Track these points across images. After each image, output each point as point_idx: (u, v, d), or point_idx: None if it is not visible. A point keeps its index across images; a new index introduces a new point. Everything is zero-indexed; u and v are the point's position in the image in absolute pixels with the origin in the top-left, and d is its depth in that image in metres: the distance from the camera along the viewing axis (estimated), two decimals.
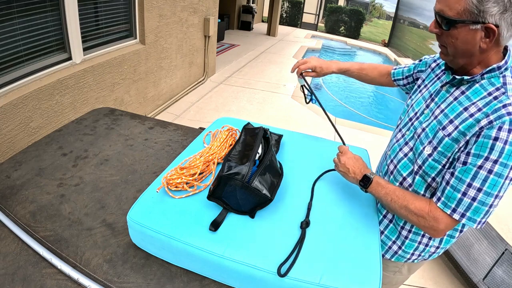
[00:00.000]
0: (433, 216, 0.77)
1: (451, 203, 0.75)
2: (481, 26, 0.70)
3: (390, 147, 1.01)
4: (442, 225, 0.77)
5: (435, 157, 0.81)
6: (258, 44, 8.14)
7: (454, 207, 0.75)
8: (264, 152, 0.98)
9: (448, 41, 0.76)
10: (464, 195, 0.73)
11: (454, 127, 0.78)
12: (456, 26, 0.72)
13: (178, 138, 1.39)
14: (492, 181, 0.70)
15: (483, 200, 0.72)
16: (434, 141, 0.82)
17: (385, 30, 16.09)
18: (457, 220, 0.75)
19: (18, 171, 1.09)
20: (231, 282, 0.79)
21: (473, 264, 1.93)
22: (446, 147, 0.79)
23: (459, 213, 0.74)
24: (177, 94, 4.14)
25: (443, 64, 0.97)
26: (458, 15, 0.71)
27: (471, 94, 0.79)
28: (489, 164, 0.69)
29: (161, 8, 3.32)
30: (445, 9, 0.72)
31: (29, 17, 1.98)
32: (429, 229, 0.80)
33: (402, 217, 0.86)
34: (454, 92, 0.83)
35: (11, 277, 0.76)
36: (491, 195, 0.71)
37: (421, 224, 0.80)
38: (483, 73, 0.77)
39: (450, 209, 0.75)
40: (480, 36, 0.72)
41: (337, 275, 0.73)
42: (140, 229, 0.80)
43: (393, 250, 1.01)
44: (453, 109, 0.81)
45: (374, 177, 0.90)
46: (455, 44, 0.75)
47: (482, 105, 0.75)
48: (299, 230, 0.83)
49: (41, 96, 2.07)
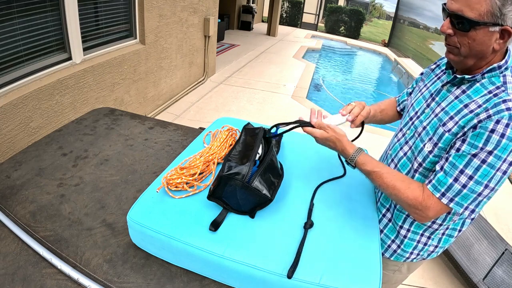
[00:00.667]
0: (425, 205, 0.78)
1: (441, 187, 0.76)
2: (499, 29, 0.70)
3: (391, 146, 1.01)
4: (432, 213, 0.78)
5: (436, 153, 0.82)
6: (258, 44, 8.14)
7: (443, 191, 0.76)
8: (265, 152, 0.98)
9: (464, 42, 0.74)
10: (456, 181, 0.74)
11: (454, 123, 0.78)
12: (476, 27, 0.71)
13: (178, 138, 1.39)
14: (484, 171, 0.71)
15: (473, 188, 0.73)
16: (434, 138, 0.82)
17: (385, 30, 16.09)
18: (445, 204, 0.76)
19: (18, 171, 1.09)
20: (231, 282, 0.79)
21: (473, 264, 1.93)
22: (447, 142, 0.79)
23: (448, 197, 0.75)
24: (177, 94, 4.14)
25: (443, 64, 0.97)
26: (479, 16, 0.69)
27: (472, 93, 0.79)
28: (484, 154, 0.70)
29: (161, 8, 3.32)
30: (465, 10, 0.70)
31: (29, 17, 1.98)
32: (417, 215, 0.81)
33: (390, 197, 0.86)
34: (455, 91, 0.84)
35: (11, 277, 0.76)
36: (481, 183, 0.72)
37: (411, 211, 0.81)
38: (483, 72, 0.77)
39: (439, 192, 0.76)
40: (495, 37, 0.72)
41: (337, 275, 0.73)
42: (140, 229, 0.80)
43: (392, 249, 1.01)
44: (453, 106, 0.81)
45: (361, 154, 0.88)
46: (471, 45, 0.74)
47: (482, 101, 0.75)
48: (299, 230, 0.83)
49: (41, 96, 2.06)
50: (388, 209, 1.00)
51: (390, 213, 0.99)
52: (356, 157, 0.87)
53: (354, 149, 0.89)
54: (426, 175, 0.86)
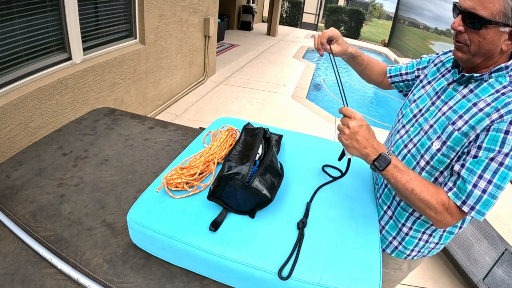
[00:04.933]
0: (450, 212, 0.76)
1: (462, 195, 0.74)
2: (509, 30, 0.71)
3: (393, 143, 0.99)
4: (455, 220, 0.77)
5: (444, 152, 0.81)
6: (258, 44, 8.14)
7: (464, 199, 0.74)
8: (265, 152, 0.98)
9: (474, 39, 0.75)
10: (475, 187, 0.72)
11: (464, 121, 0.78)
12: (487, 26, 0.71)
13: (178, 138, 1.39)
14: (503, 174, 0.70)
15: (493, 193, 0.72)
16: (443, 136, 0.82)
17: (385, 30, 16.09)
18: (465, 212, 0.75)
19: (18, 171, 1.09)
20: (231, 282, 0.79)
21: (473, 264, 1.93)
22: (456, 141, 0.79)
23: (469, 205, 0.74)
24: (177, 94, 4.14)
25: (447, 61, 0.97)
26: (492, 15, 0.70)
27: (480, 92, 0.79)
28: (501, 157, 0.70)
29: (161, 8, 3.32)
30: (478, 8, 0.71)
31: (29, 17, 1.98)
32: (439, 222, 0.77)
33: (413, 207, 0.80)
34: (462, 90, 0.84)
35: (11, 277, 0.76)
36: (500, 188, 0.71)
37: (436, 218, 0.77)
38: (491, 71, 0.78)
39: (460, 200, 0.75)
40: (504, 38, 0.73)
41: (337, 274, 0.73)
42: (140, 229, 0.80)
43: (393, 245, 1.01)
44: (462, 105, 0.81)
45: (392, 158, 0.77)
46: (481, 43, 0.74)
47: (491, 100, 0.75)
48: (298, 230, 0.83)
49: (41, 96, 2.07)
50: (389, 206, 1.00)
51: (391, 210, 0.99)
52: (391, 156, 0.77)
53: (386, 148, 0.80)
54: (433, 173, 0.85)
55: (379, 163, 0.77)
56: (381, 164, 0.77)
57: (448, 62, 0.96)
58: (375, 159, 0.78)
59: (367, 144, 0.78)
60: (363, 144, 0.78)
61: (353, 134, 0.78)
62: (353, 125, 0.78)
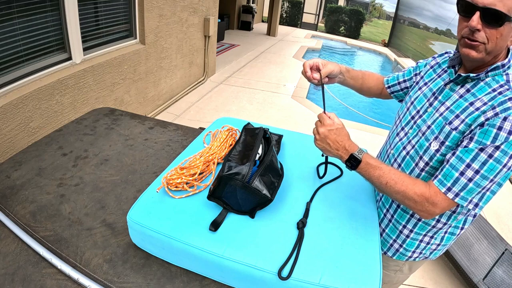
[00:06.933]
0: (432, 202, 0.77)
1: (447, 181, 0.76)
2: None
3: (393, 146, 1.00)
4: (438, 209, 0.78)
5: (443, 152, 0.82)
6: (258, 44, 8.14)
7: (449, 186, 0.75)
8: (265, 152, 0.98)
9: (492, 37, 0.73)
10: (462, 175, 0.74)
11: (461, 121, 0.79)
12: (506, 22, 0.71)
13: (178, 138, 1.39)
14: (491, 166, 0.71)
15: (479, 182, 0.73)
16: (440, 136, 0.82)
17: (385, 30, 16.09)
18: (450, 199, 0.76)
19: (18, 171, 1.09)
20: (231, 282, 0.79)
21: (473, 264, 1.93)
22: (454, 140, 0.79)
23: (454, 192, 0.75)
24: (177, 94, 4.14)
25: (443, 62, 0.97)
26: (508, 11, 0.69)
27: (477, 91, 0.79)
28: (490, 149, 0.70)
29: (161, 8, 3.32)
30: (499, 4, 0.69)
31: (29, 17, 1.98)
32: (423, 212, 0.79)
33: (393, 199, 0.83)
34: (459, 90, 0.84)
35: (11, 277, 0.76)
36: (487, 178, 0.72)
37: (417, 208, 0.79)
38: (487, 70, 0.78)
39: (445, 187, 0.76)
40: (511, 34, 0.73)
41: (337, 275, 0.73)
42: (140, 229, 0.80)
43: (394, 248, 1.01)
44: (459, 105, 0.81)
45: (363, 156, 0.82)
46: (498, 40, 0.73)
47: (488, 99, 0.76)
48: (298, 230, 0.83)
49: (41, 96, 2.07)
50: (388, 209, 1.00)
51: (390, 213, 0.99)
52: (361, 155, 0.82)
53: (358, 147, 0.84)
54: (433, 174, 0.86)
55: (350, 162, 0.83)
56: (353, 164, 0.82)
57: (444, 63, 0.96)
58: (347, 159, 0.83)
59: (339, 146, 0.83)
60: (335, 147, 0.84)
61: (324, 138, 0.84)
62: (322, 131, 0.85)
